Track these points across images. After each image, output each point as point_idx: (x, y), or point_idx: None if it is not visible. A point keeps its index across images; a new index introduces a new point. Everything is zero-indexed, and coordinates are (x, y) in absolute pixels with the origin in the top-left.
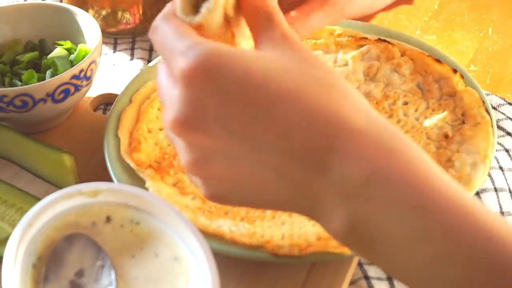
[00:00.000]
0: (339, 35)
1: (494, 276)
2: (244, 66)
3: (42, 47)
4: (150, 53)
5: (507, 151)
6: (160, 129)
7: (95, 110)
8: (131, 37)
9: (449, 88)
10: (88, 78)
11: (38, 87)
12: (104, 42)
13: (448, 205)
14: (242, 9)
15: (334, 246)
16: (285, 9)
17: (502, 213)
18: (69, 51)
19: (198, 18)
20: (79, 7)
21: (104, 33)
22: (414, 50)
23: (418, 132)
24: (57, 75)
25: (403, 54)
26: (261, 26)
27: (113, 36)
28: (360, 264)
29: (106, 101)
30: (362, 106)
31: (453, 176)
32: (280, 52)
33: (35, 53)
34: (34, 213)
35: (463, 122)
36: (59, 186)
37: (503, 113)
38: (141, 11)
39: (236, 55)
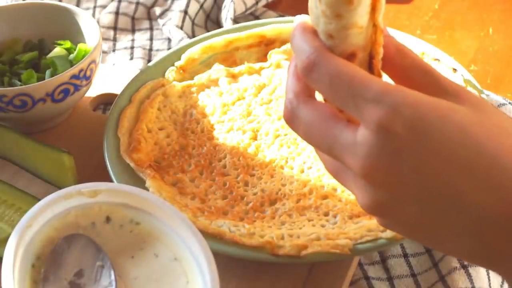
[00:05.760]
0: None
1: None
2: (442, 117)
3: (42, 47)
4: (149, 52)
5: None
6: (160, 129)
7: (94, 110)
8: (131, 37)
9: None
10: (88, 78)
11: (37, 87)
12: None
13: None
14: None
15: (334, 246)
16: None
17: None
18: (69, 50)
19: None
20: None
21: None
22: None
23: None
24: (56, 75)
25: None
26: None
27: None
28: (360, 264)
29: (106, 101)
30: None
31: None
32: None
33: (35, 53)
34: (34, 213)
35: None
36: (59, 186)
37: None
38: None
39: (436, 106)
